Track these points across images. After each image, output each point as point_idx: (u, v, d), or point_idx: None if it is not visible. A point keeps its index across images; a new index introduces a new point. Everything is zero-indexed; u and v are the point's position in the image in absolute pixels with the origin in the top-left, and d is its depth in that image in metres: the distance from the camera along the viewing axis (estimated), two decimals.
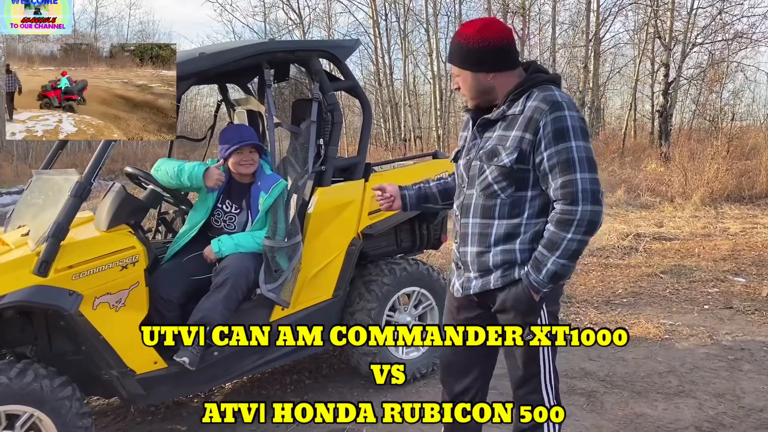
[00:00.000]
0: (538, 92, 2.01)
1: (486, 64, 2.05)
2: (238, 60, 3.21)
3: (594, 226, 1.96)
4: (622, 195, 10.78)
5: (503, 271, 2.11)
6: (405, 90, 20.61)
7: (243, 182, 3.41)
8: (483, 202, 2.11)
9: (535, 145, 1.99)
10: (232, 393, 3.84)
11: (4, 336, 2.88)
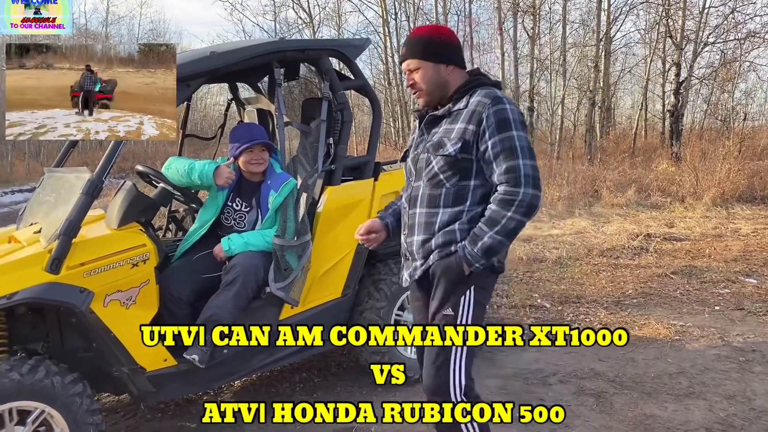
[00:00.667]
0: (480, 90, 2.20)
1: (446, 56, 2.25)
2: (249, 59, 3.22)
3: (533, 209, 2.11)
4: (633, 195, 10.73)
5: (441, 249, 2.23)
6: None
7: (253, 181, 3.42)
8: (429, 192, 2.26)
9: (478, 136, 2.15)
10: (241, 391, 3.85)
11: (17, 332, 2.91)
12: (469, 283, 2.22)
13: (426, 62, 2.24)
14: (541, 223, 9.18)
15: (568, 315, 5.08)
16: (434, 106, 2.30)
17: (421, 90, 2.27)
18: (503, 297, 5.53)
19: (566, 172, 11.86)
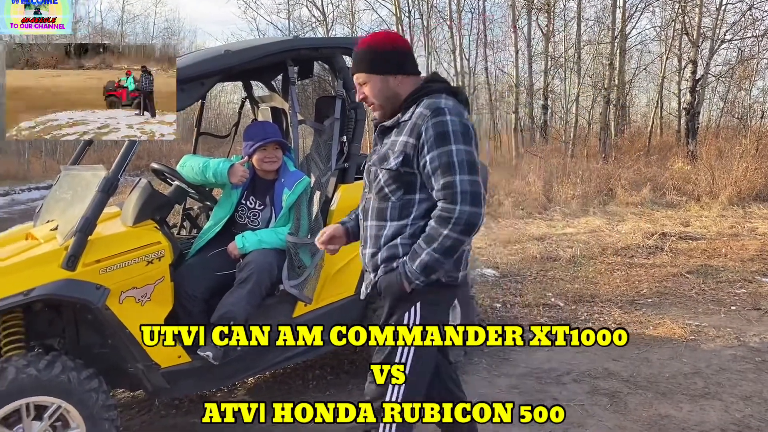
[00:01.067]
0: (426, 100, 2.10)
1: (393, 66, 2.15)
2: (263, 57, 3.23)
3: (471, 227, 2.01)
4: (648, 193, 10.66)
5: (386, 263, 2.17)
6: None
7: (267, 179, 3.43)
8: (377, 205, 2.20)
9: (418, 150, 2.06)
10: (254, 387, 3.87)
11: (34, 328, 2.94)
12: (412, 299, 2.15)
13: (373, 75, 2.15)
14: (555, 222, 9.14)
15: (581, 314, 5.05)
16: (389, 116, 2.21)
17: (372, 104, 2.20)
18: (516, 296, 5.51)
19: (580, 171, 11.80)
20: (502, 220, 9.38)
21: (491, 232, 8.47)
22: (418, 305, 2.17)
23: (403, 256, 2.11)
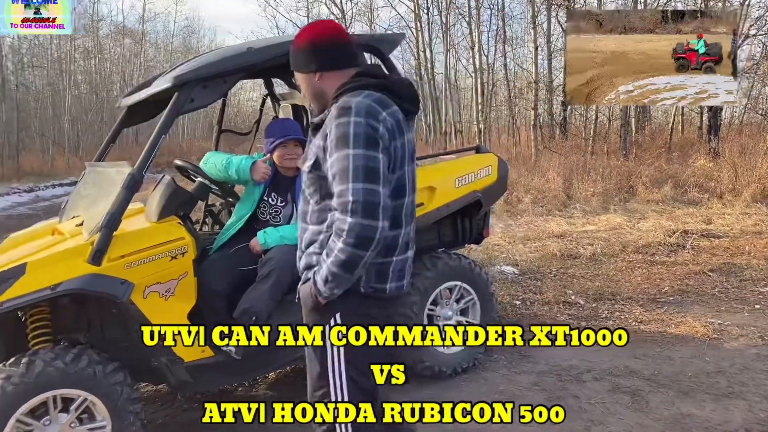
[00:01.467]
0: (342, 98, 1.93)
1: (311, 63, 2.01)
2: (285, 54, 3.23)
3: (366, 240, 1.82)
4: (669, 191, 10.53)
5: (304, 272, 2.08)
6: (446, 84, 20.49)
7: (288, 175, 3.46)
8: (302, 207, 2.11)
9: (325, 152, 1.91)
10: (275, 382, 3.91)
11: (60, 322, 2.99)
12: (328, 312, 2.03)
13: (299, 74, 2.08)
14: (575, 219, 9.08)
15: (602, 312, 5.02)
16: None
17: (310, 101, 2.14)
18: (536, 293, 5.49)
19: (600, 168, 11.69)
20: (522, 217, 9.34)
21: (510, 230, 8.45)
22: (337, 317, 2.06)
23: (316, 265, 1.98)
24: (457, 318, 3.89)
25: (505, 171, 4.17)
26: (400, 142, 1.94)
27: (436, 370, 3.73)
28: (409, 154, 2.01)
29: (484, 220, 4.22)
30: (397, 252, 2.02)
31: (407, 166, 2.00)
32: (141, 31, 33.50)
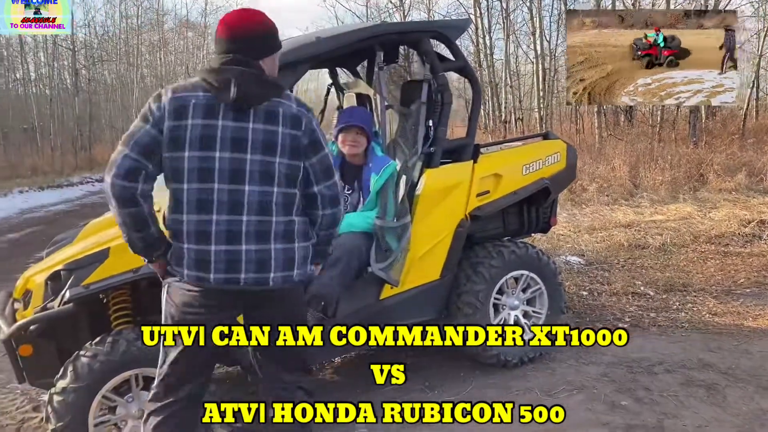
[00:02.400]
0: None
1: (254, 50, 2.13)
2: (353, 43, 3.27)
3: (109, 194, 2.08)
4: (743, 179, 10.07)
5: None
6: (506, 70, 20.15)
7: (355, 164, 3.49)
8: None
9: None
10: (341, 368, 3.97)
11: (141, 305, 3.12)
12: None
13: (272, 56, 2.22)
14: (643, 208, 8.81)
15: (673, 303, 4.87)
16: None
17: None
18: (604, 284, 5.37)
19: (669, 155, 11.28)
20: (587, 206, 9.13)
21: (575, 219, 8.28)
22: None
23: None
24: (523, 308, 3.86)
25: (574, 158, 4.09)
26: (185, 124, 2.03)
27: (501, 359, 3.71)
28: (205, 140, 2.05)
29: (552, 208, 4.16)
30: (185, 239, 2.11)
31: (193, 152, 2.05)
32: (203, 25, 34.26)
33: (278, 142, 2.10)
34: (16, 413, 3.52)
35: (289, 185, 2.16)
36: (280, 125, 2.10)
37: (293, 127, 2.12)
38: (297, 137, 2.12)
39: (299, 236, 2.21)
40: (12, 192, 14.06)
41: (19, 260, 7.21)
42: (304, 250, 2.24)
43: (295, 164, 2.15)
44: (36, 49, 23.45)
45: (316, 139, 2.17)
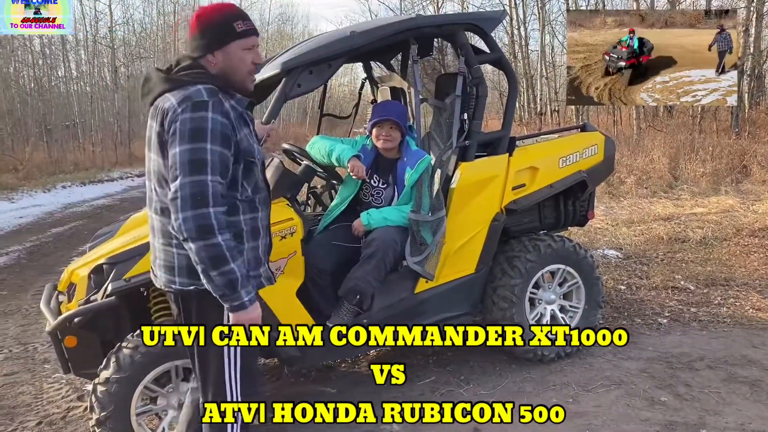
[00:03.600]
0: None
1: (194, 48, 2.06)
2: (388, 36, 3.27)
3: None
4: None
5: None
6: (541, 62, 19.88)
7: (389, 157, 3.49)
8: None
9: None
10: (376, 360, 3.98)
11: None
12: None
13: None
14: (683, 201, 8.62)
15: (715, 298, 4.76)
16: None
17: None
18: (642, 278, 5.27)
19: (710, 147, 11.00)
20: (624, 199, 8.97)
21: (612, 212, 8.14)
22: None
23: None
24: (560, 302, 3.82)
25: (612, 150, 4.02)
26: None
27: (539, 353, 3.68)
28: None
29: (589, 201, 4.10)
30: None
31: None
32: None
33: (151, 138, 2.03)
34: (61, 402, 3.63)
35: (160, 184, 2.03)
36: (155, 121, 1.99)
37: (160, 123, 1.97)
38: (161, 133, 1.97)
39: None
40: (55, 187, 14.44)
41: (64, 254, 7.42)
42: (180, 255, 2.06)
43: (161, 162, 2.00)
44: (77, 47, 23.99)
45: (174, 133, 1.91)
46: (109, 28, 22.91)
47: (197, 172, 1.86)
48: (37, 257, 7.54)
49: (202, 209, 1.86)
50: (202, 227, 1.86)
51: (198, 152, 1.88)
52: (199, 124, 1.89)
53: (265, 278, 2.22)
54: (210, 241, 1.87)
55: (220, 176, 1.91)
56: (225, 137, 1.93)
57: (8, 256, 7.63)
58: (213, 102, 1.93)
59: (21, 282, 6.35)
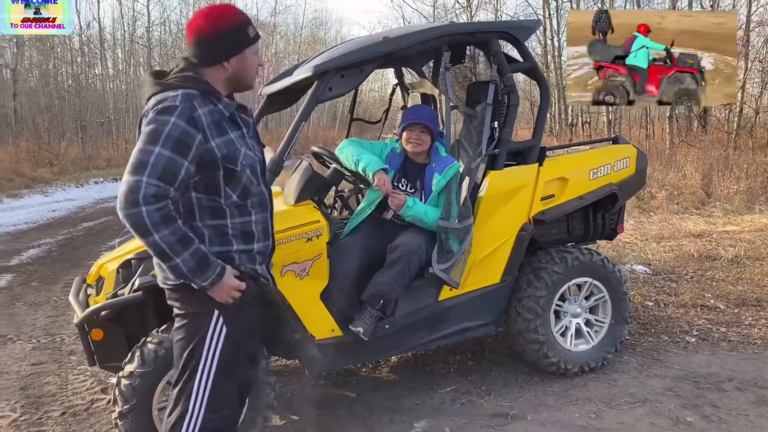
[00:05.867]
0: None
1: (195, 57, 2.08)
2: (421, 43, 3.26)
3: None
4: None
5: None
6: None
7: (418, 162, 3.48)
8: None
9: None
10: (398, 366, 3.97)
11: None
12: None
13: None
14: (715, 218, 8.46)
15: (746, 318, 4.64)
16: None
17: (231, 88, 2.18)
18: (671, 295, 5.17)
19: (745, 164, 10.78)
20: (655, 214, 8.83)
21: (642, 227, 8.01)
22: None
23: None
24: (585, 316, 3.76)
25: (644, 164, 3.96)
26: None
27: (562, 367, 3.63)
28: None
29: (619, 215, 4.04)
30: None
31: None
32: (272, 24, 34.98)
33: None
34: (86, 394, 3.68)
35: None
36: (142, 123, 2.00)
37: (139, 127, 2.00)
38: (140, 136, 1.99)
39: None
40: (88, 182, 14.74)
41: (93, 248, 7.56)
42: None
43: None
44: (114, 46, 24.49)
45: (139, 133, 1.97)
46: (146, 28, 23.35)
47: (136, 172, 1.88)
48: (68, 250, 7.69)
49: (134, 209, 1.87)
50: (136, 225, 1.89)
51: (145, 154, 1.89)
52: (157, 127, 1.90)
53: (262, 276, 2.22)
54: (149, 239, 1.90)
55: (160, 180, 1.89)
56: (181, 144, 1.91)
57: (40, 248, 7.79)
58: (182, 108, 1.93)
59: (51, 274, 6.48)
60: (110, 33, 24.41)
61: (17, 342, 4.55)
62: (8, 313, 5.25)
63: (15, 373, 3.99)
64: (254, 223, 2.14)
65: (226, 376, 2.11)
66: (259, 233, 2.16)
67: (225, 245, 2.08)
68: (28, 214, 10.52)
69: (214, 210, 2.05)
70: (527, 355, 3.68)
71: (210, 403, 2.09)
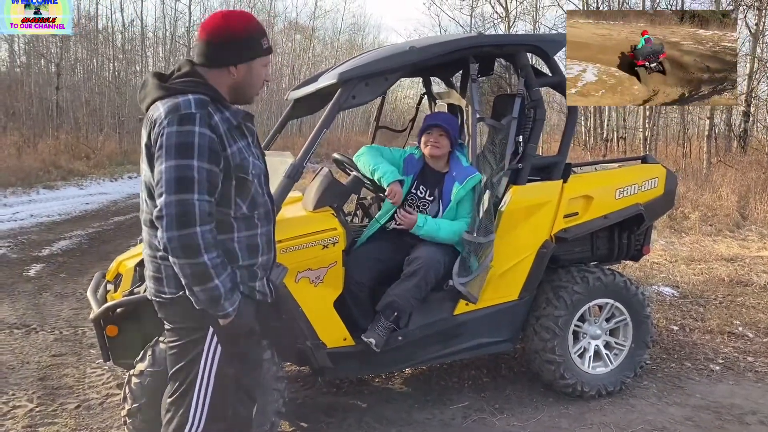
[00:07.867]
0: None
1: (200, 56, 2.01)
2: (447, 53, 3.23)
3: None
4: None
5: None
6: None
7: (437, 169, 3.46)
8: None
9: None
10: (411, 378, 3.93)
11: None
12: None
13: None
14: (749, 242, 8.22)
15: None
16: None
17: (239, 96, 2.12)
18: (697, 320, 5.03)
19: None
20: (686, 235, 8.62)
21: (672, 247, 7.83)
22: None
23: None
24: (605, 338, 3.68)
25: (673, 185, 3.86)
26: None
27: (578, 389, 3.55)
28: None
29: (645, 235, 3.94)
30: None
31: None
32: (311, 28, 35.30)
33: (142, 148, 1.93)
34: (101, 388, 3.73)
35: (150, 196, 1.92)
36: (145, 130, 1.91)
37: (148, 134, 1.88)
38: (148, 146, 1.88)
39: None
40: (122, 177, 15.03)
41: (122, 242, 7.68)
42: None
43: (149, 174, 1.90)
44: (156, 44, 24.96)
45: (160, 147, 1.82)
46: (187, 28, 23.75)
47: (183, 190, 1.79)
48: (97, 243, 7.84)
49: (188, 229, 1.78)
50: (187, 247, 1.79)
51: (184, 169, 1.79)
52: (185, 139, 1.80)
53: (260, 292, 2.10)
54: (195, 260, 1.81)
55: (208, 194, 1.83)
56: (213, 153, 1.84)
57: (70, 240, 7.95)
58: (200, 115, 1.84)
59: (79, 266, 6.60)
60: (152, 31, 24.91)
61: (40, 332, 4.64)
62: (35, 303, 5.36)
63: (36, 363, 4.07)
64: (259, 236, 2.08)
65: (225, 387, 2.06)
66: (263, 246, 2.09)
67: (230, 262, 1.98)
68: (62, 206, 10.76)
69: (221, 224, 1.95)
70: (543, 375, 3.61)
71: (211, 413, 2.04)
